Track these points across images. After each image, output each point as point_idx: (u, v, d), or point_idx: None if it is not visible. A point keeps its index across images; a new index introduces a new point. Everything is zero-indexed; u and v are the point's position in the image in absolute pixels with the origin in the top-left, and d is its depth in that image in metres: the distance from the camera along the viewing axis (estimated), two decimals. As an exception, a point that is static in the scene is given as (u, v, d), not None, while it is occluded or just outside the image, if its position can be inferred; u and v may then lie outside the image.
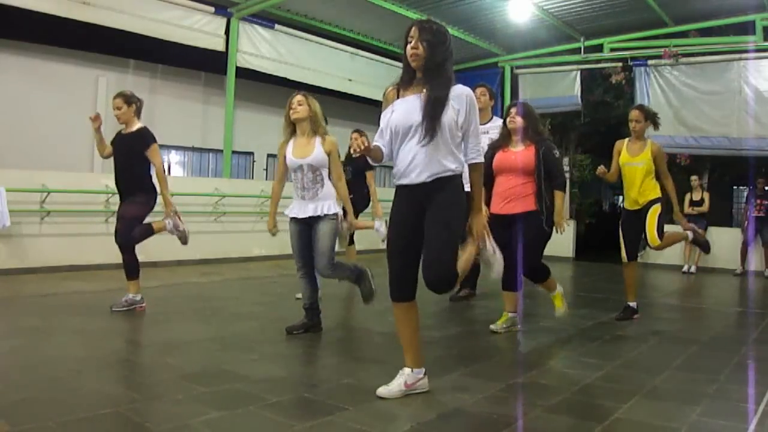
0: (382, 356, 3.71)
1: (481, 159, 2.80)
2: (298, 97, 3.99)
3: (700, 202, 9.08)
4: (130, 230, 4.53)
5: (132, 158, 4.57)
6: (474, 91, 2.98)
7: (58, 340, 3.77)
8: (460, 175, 2.74)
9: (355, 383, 3.06)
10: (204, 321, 4.51)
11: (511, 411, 2.66)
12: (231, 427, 2.40)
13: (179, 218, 4.73)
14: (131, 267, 4.60)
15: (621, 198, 20.73)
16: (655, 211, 4.66)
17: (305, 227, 3.96)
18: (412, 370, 2.81)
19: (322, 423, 2.45)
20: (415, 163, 2.67)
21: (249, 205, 8.73)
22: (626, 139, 4.89)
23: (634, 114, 4.79)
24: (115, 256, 4.70)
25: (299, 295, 5.34)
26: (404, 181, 2.73)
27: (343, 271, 4.07)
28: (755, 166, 9.18)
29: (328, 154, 3.93)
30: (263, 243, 8.80)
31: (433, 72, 2.68)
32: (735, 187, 13.25)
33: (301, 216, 3.93)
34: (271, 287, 6.49)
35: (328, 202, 3.93)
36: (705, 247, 5.16)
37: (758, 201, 8.92)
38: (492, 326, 4.26)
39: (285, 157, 4.00)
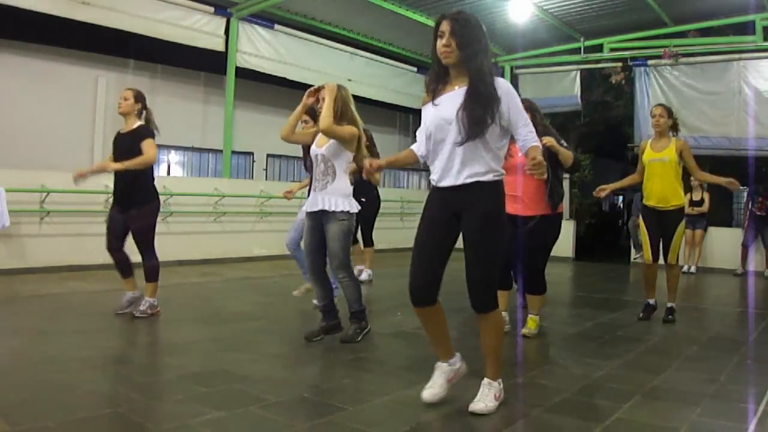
0: (382, 356, 3.71)
1: (538, 142, 2.57)
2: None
3: (700, 202, 9.07)
4: (151, 244, 4.45)
5: (132, 157, 4.38)
6: None
7: (58, 340, 3.76)
8: (499, 183, 2.58)
9: (355, 383, 3.06)
10: (204, 321, 4.50)
11: (511, 411, 2.66)
12: (231, 427, 2.40)
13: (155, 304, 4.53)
14: (152, 271, 4.48)
15: (621, 198, 20.81)
16: (682, 230, 4.77)
17: (317, 224, 3.79)
18: (448, 364, 2.74)
19: (322, 423, 2.45)
20: (453, 163, 2.52)
21: (249, 205, 8.71)
22: (649, 139, 4.98)
23: (657, 109, 4.86)
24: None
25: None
26: (442, 184, 2.57)
27: (352, 290, 3.85)
28: (755, 166, 9.18)
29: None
30: (263, 243, 8.81)
31: (469, 67, 2.52)
32: (735, 187, 13.24)
33: (311, 210, 3.77)
34: (271, 287, 6.48)
35: (337, 198, 3.70)
36: None
37: (759, 200, 8.91)
38: None
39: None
